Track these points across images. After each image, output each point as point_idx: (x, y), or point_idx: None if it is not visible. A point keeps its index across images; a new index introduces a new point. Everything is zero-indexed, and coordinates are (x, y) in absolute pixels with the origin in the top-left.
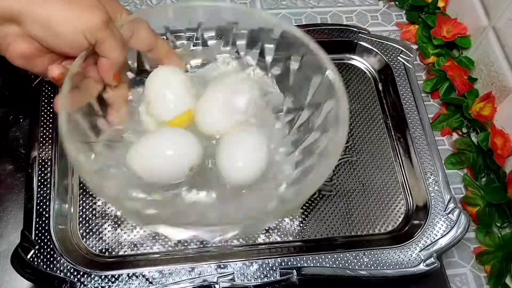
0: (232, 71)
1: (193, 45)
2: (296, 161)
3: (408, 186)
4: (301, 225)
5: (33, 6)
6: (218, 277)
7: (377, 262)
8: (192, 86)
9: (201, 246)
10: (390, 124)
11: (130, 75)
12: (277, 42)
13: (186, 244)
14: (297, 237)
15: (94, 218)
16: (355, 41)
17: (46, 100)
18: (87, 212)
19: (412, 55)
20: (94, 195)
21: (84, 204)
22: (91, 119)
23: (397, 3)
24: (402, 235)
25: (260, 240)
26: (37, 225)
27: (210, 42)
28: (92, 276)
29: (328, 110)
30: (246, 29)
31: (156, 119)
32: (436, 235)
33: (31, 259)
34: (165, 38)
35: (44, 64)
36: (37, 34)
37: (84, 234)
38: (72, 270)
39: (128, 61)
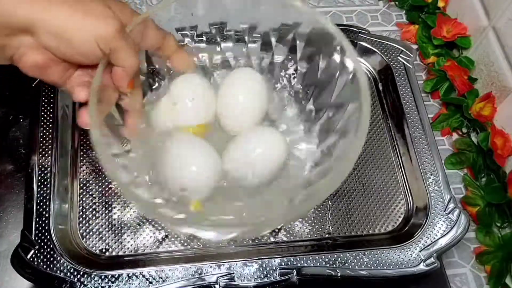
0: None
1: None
2: (314, 162)
3: (408, 186)
4: (301, 225)
5: (46, 16)
6: (218, 277)
7: (377, 262)
8: (214, 95)
9: (201, 246)
10: (390, 124)
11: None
12: (307, 37)
13: (186, 244)
14: (297, 237)
15: (94, 218)
16: (355, 41)
17: (46, 100)
18: (87, 212)
19: (412, 55)
20: (94, 195)
21: (84, 204)
22: (114, 129)
23: (397, 3)
24: (402, 235)
25: (260, 240)
26: (37, 225)
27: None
28: (92, 276)
29: (350, 113)
30: (278, 24)
31: (175, 123)
32: (436, 235)
33: (31, 259)
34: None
35: (57, 74)
36: (51, 44)
37: (84, 234)
38: (72, 270)
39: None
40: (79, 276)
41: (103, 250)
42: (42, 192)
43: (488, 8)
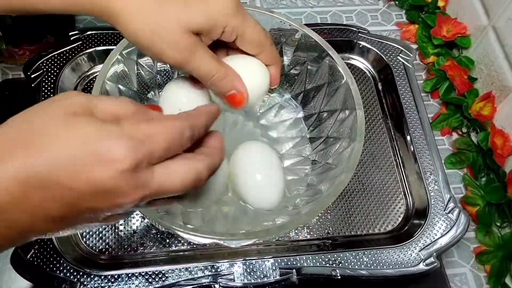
0: None
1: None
2: (310, 168)
3: (408, 186)
4: (300, 225)
5: None
6: (218, 277)
7: (377, 261)
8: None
9: (201, 246)
10: (390, 124)
11: None
12: (296, 45)
13: (185, 244)
14: (297, 236)
15: None
16: (355, 40)
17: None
18: None
19: (411, 55)
20: None
21: None
22: None
23: (397, 2)
24: (402, 234)
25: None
26: None
27: None
28: (91, 276)
29: (343, 118)
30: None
31: None
32: (435, 235)
33: (30, 259)
34: None
35: None
36: None
37: (84, 234)
38: (71, 270)
39: None
40: (78, 276)
41: (103, 250)
42: None
43: (488, 8)
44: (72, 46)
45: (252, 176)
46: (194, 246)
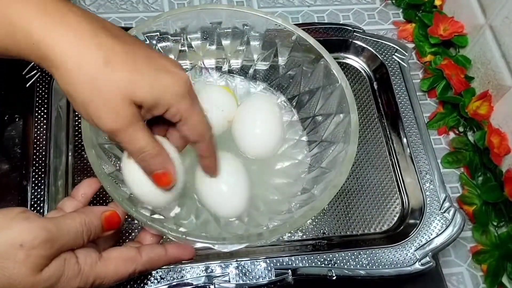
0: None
1: (208, 45)
2: (306, 171)
3: (404, 185)
4: (293, 229)
5: None
6: (212, 278)
7: (373, 261)
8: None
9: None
10: (385, 123)
11: None
12: (292, 47)
13: None
14: (292, 237)
15: None
16: (350, 40)
17: (40, 101)
18: None
19: (407, 54)
20: None
21: None
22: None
23: (394, 1)
24: (398, 234)
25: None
26: None
27: (224, 42)
28: None
29: (337, 122)
30: (260, 32)
31: None
32: (431, 234)
33: None
34: (181, 39)
35: None
36: None
37: None
38: None
39: None
40: None
41: None
42: (36, 193)
43: (484, 7)
44: None
45: (218, 186)
46: None
